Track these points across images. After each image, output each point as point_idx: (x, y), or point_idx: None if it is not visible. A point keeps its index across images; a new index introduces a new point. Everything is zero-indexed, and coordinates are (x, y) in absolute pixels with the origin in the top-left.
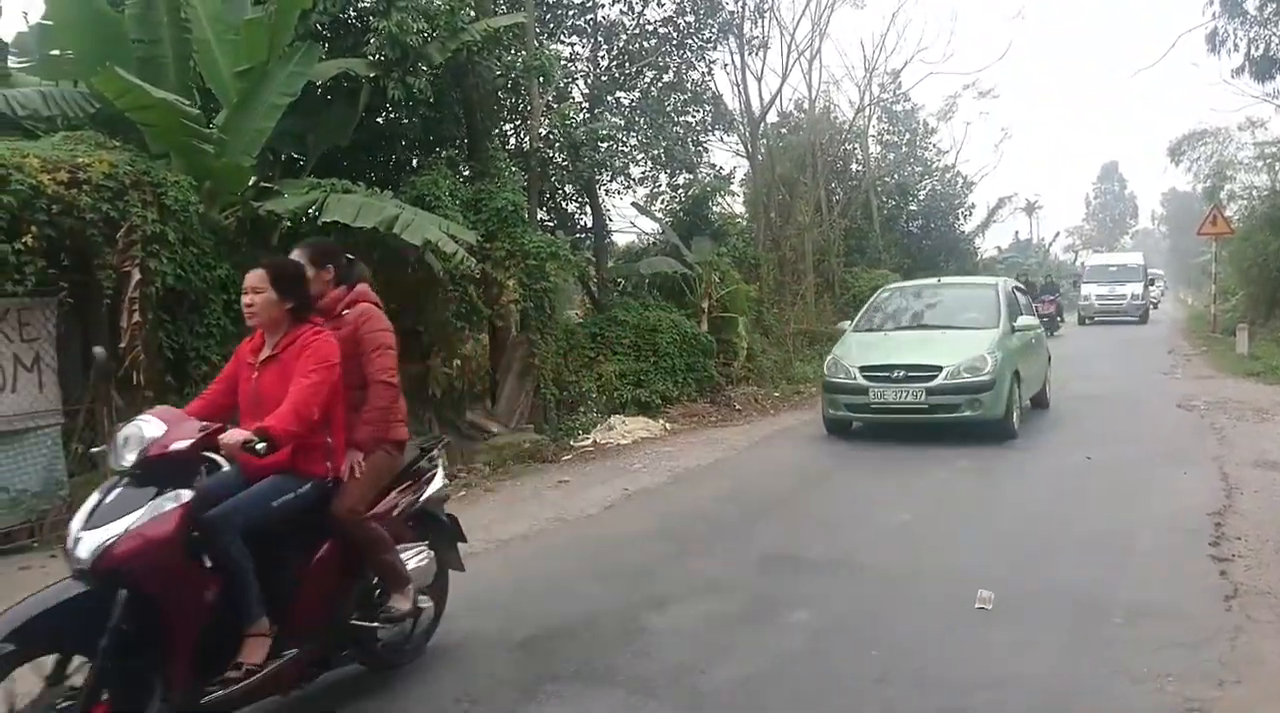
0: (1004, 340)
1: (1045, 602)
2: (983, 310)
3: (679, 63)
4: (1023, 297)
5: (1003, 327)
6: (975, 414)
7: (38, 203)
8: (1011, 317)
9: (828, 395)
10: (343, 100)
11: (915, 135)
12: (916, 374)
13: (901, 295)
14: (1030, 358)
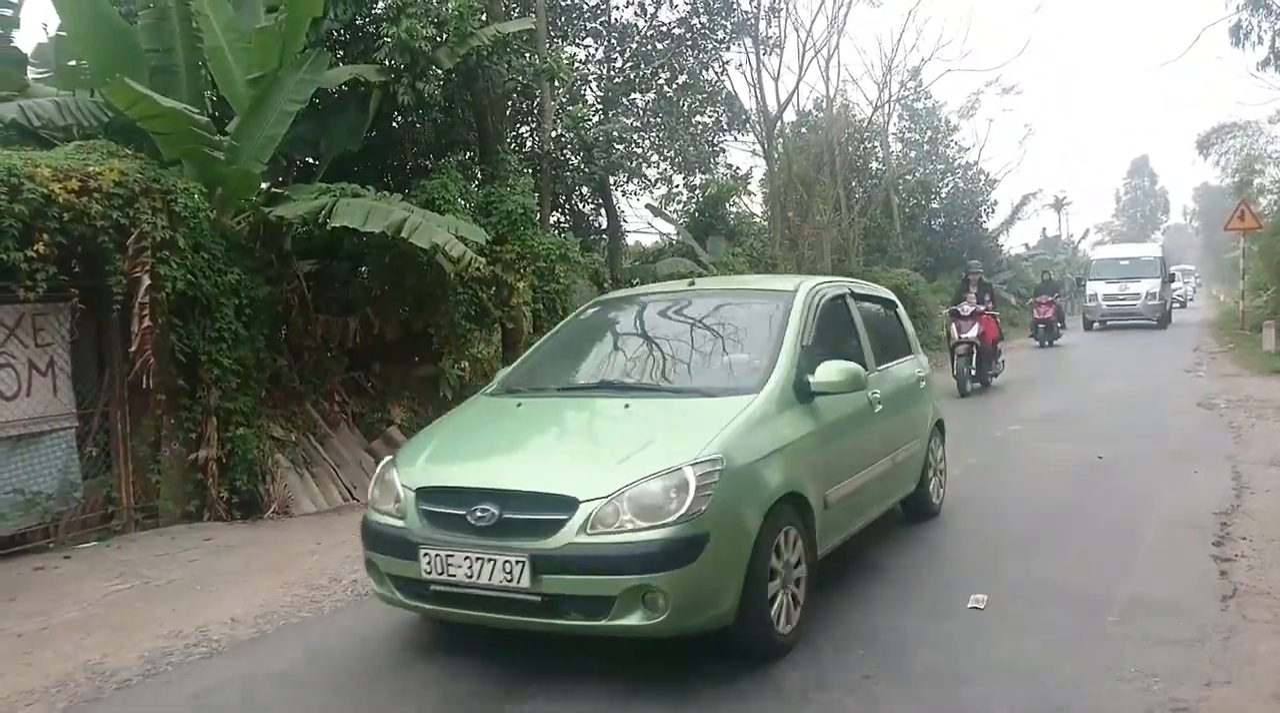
0: (773, 422)
1: (1041, 598)
2: (755, 349)
3: (693, 63)
4: (895, 322)
5: (779, 389)
6: (649, 623)
7: (49, 211)
8: (808, 362)
9: (366, 554)
10: (354, 106)
11: (936, 133)
12: (520, 516)
13: (621, 314)
14: (876, 439)
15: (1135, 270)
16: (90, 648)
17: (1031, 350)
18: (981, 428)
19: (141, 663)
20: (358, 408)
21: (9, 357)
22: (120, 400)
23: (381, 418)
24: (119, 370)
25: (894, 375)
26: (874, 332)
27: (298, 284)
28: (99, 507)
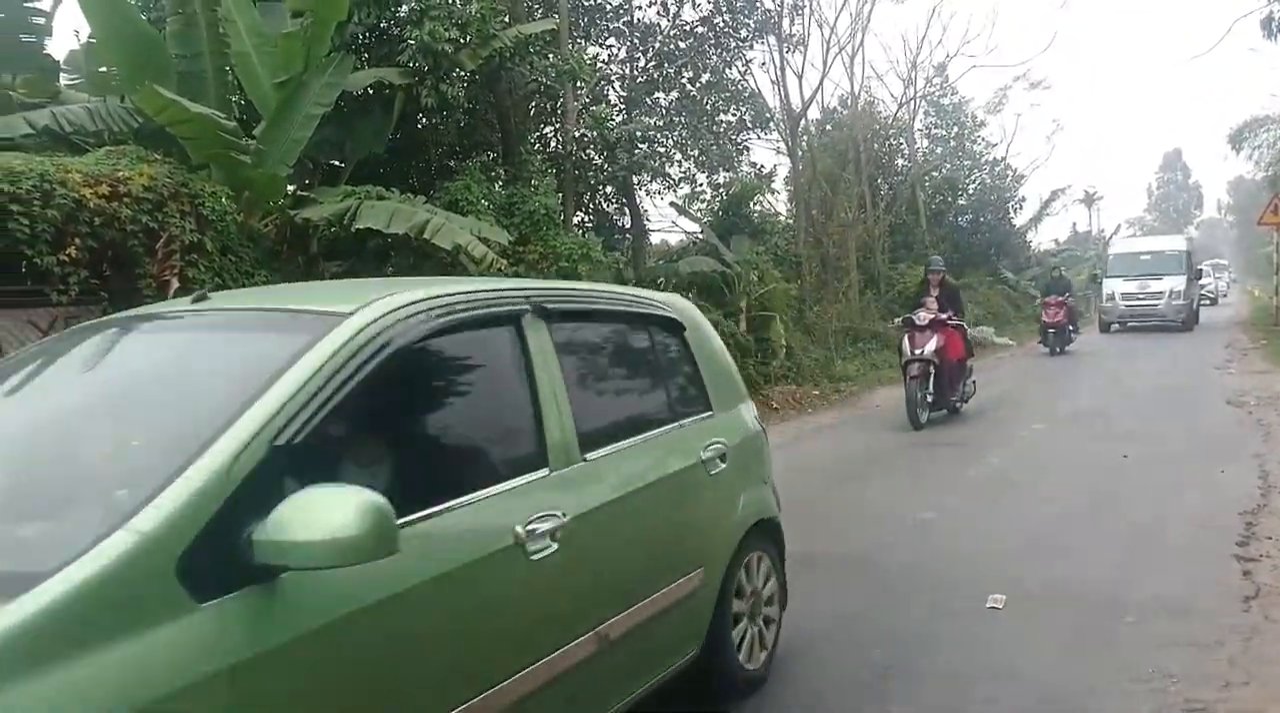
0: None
1: (1060, 598)
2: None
3: (717, 62)
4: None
5: (130, 569)
6: None
7: (81, 216)
8: (274, 490)
9: None
10: (378, 108)
11: (963, 128)
12: None
13: None
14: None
15: (1157, 266)
16: None
17: (1038, 358)
18: (923, 486)
19: None
20: None
21: None
22: None
23: None
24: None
25: (641, 463)
26: (594, 384)
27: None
28: None
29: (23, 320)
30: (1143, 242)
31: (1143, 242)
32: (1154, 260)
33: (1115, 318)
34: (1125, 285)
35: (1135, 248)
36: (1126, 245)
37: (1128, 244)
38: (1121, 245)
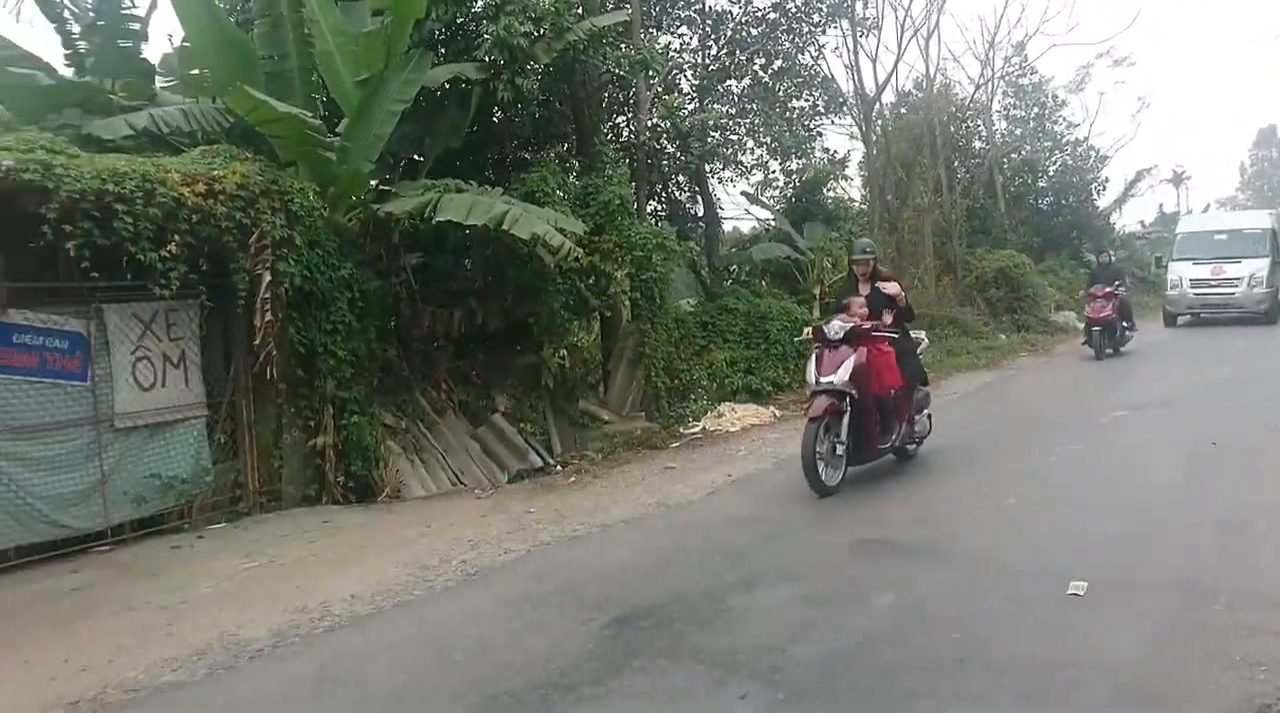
0: None
1: (1148, 585)
2: None
3: (789, 48)
4: None
5: None
6: None
7: (180, 213)
8: None
9: None
10: (456, 103)
11: (1043, 109)
12: None
13: None
14: None
15: (1235, 247)
16: (224, 621)
17: (1079, 363)
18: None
19: (271, 635)
20: (463, 396)
21: (146, 351)
22: (245, 390)
23: (486, 406)
24: (244, 362)
25: None
26: None
27: (405, 277)
28: (227, 490)
29: (127, 314)
30: (1217, 218)
31: (1217, 218)
32: (1230, 241)
33: (1183, 309)
34: (1195, 270)
35: (1208, 225)
36: (1197, 223)
37: (1198, 221)
38: (1191, 222)
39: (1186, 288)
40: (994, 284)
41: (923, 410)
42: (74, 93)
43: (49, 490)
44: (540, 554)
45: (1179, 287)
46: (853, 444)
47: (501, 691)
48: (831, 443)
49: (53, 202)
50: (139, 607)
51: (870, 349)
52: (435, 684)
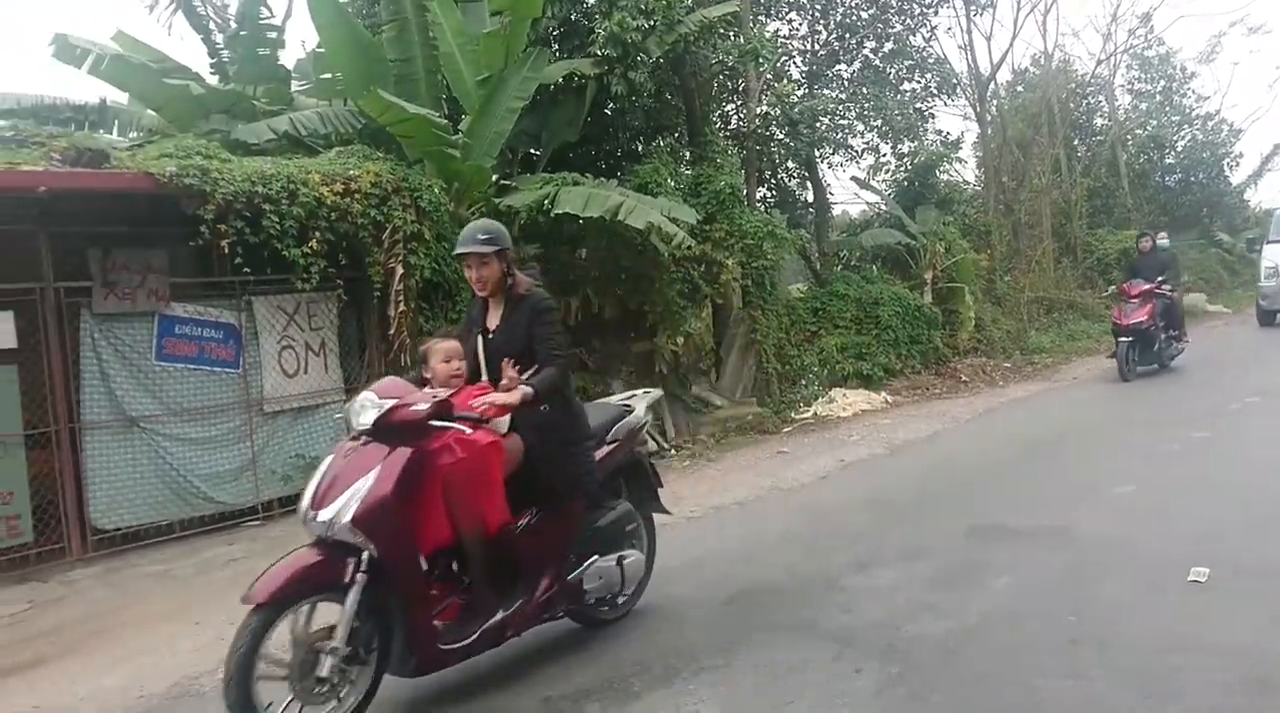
0: None
1: (1270, 575)
2: None
3: (900, 30)
4: None
5: None
6: None
7: (320, 212)
8: None
9: None
10: (571, 98)
11: (1170, 82)
12: None
13: None
14: None
15: None
16: None
17: (1102, 388)
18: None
19: None
20: (581, 382)
21: (290, 340)
22: (378, 375)
23: (603, 391)
24: (378, 350)
25: None
26: None
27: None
28: None
29: (273, 306)
30: None
31: None
32: None
33: (1278, 305)
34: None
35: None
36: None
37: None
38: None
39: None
40: (1117, 266)
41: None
42: (221, 100)
43: (206, 469)
44: (661, 534)
45: (1275, 276)
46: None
47: (628, 658)
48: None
49: (209, 203)
50: None
51: (446, 448)
52: (563, 657)
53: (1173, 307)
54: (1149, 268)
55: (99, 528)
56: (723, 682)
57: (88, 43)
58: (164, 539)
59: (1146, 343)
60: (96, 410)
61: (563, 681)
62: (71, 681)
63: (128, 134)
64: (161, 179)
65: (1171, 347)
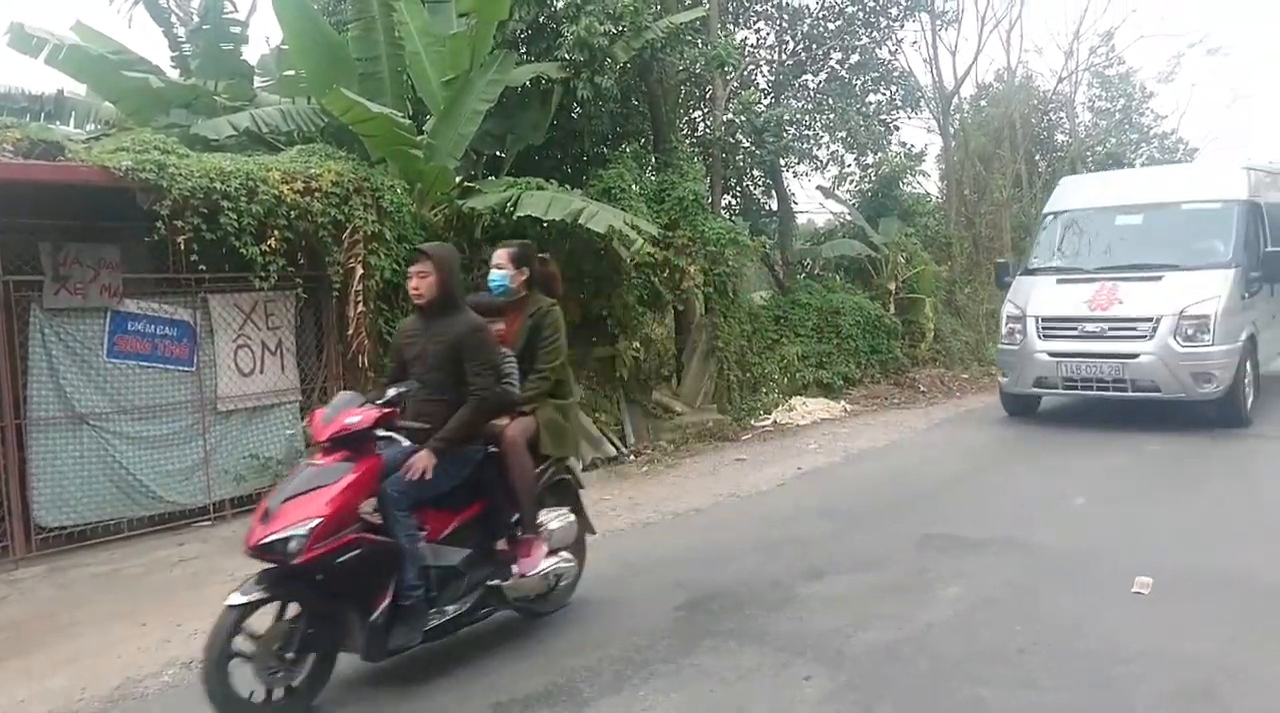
0: None
1: (1219, 586)
2: None
3: (867, 42)
4: None
5: None
6: None
7: (279, 210)
8: None
9: None
10: (537, 102)
11: (1130, 100)
12: None
13: None
14: None
15: (1154, 245)
16: None
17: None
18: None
19: None
20: None
21: (246, 338)
22: (336, 377)
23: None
24: (335, 350)
25: None
26: None
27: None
28: None
29: (230, 304)
30: (1127, 181)
31: (1127, 181)
32: (1145, 225)
33: (1027, 386)
34: (1060, 298)
35: (1103, 198)
36: (1083, 189)
37: (1087, 188)
38: (1073, 189)
39: (1035, 340)
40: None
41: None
42: (181, 94)
43: (157, 468)
44: (615, 539)
45: (1020, 336)
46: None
47: (578, 665)
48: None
49: (166, 199)
50: (241, 578)
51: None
52: (513, 659)
53: None
54: None
55: (43, 526)
56: (673, 688)
57: (45, 32)
58: (112, 539)
59: None
60: (44, 407)
61: (513, 686)
62: (13, 682)
63: (85, 126)
64: (117, 173)
65: None
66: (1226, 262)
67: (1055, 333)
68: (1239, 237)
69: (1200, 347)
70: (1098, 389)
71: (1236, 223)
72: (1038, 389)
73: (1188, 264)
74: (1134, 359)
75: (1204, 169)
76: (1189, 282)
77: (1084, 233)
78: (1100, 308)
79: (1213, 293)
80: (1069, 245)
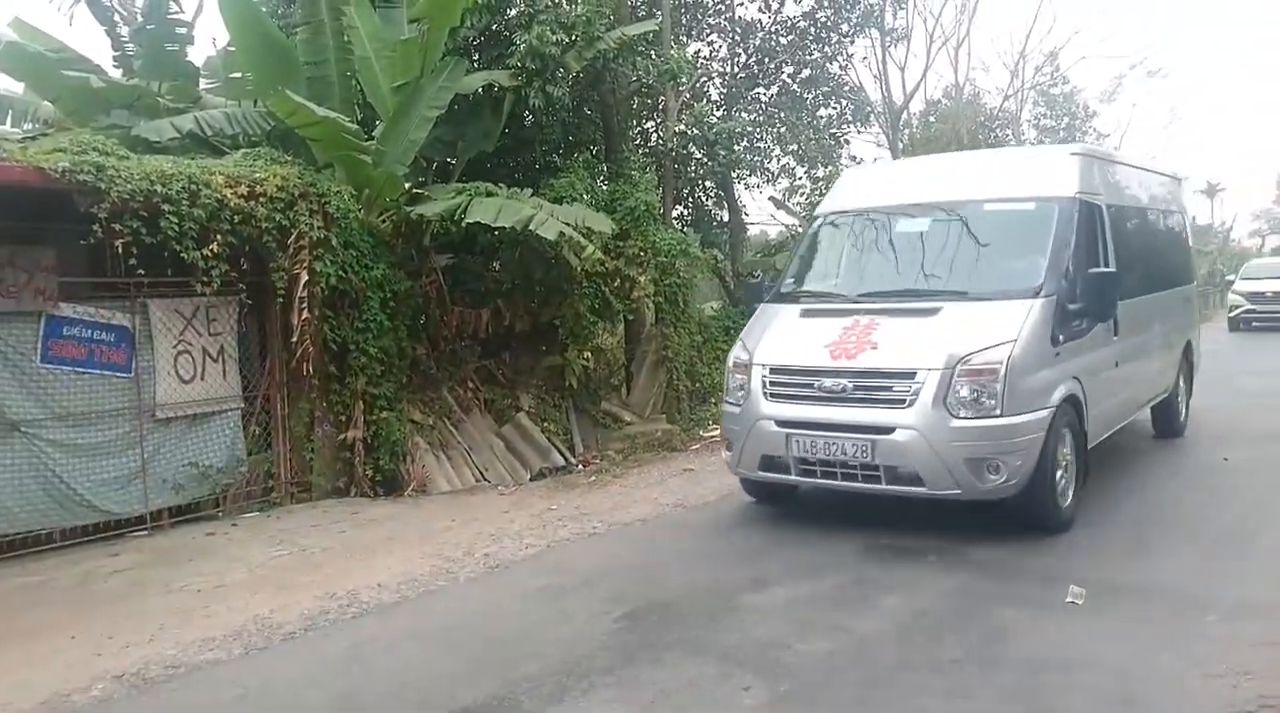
0: None
1: (1146, 596)
2: None
3: (818, 57)
4: None
5: None
6: None
7: (222, 214)
8: None
9: None
10: (488, 109)
11: (1074, 119)
12: None
13: None
14: None
15: (932, 259)
16: (258, 605)
17: None
18: None
19: (302, 619)
20: (489, 395)
21: (187, 344)
22: (280, 385)
23: (511, 404)
24: (279, 358)
25: None
26: None
27: (435, 278)
28: (260, 481)
29: (170, 309)
30: (916, 172)
31: (916, 172)
32: (932, 242)
33: (758, 470)
34: (798, 342)
35: (883, 195)
36: (862, 185)
37: (866, 182)
38: (852, 185)
39: (760, 401)
40: None
41: None
42: (123, 95)
43: (92, 476)
44: (560, 550)
45: (744, 394)
46: None
47: (519, 676)
48: None
49: (104, 202)
50: (177, 590)
51: None
52: (456, 670)
53: None
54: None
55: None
56: (616, 699)
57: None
58: (43, 549)
59: None
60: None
61: (452, 697)
62: None
63: (22, 125)
64: (53, 174)
65: None
66: (1032, 288)
67: (786, 391)
68: (1057, 251)
69: (982, 418)
70: (843, 478)
71: (1056, 231)
72: (767, 473)
73: (979, 291)
74: (887, 435)
75: (1026, 156)
76: (975, 317)
77: (857, 243)
78: (845, 355)
79: (1004, 335)
80: (830, 261)
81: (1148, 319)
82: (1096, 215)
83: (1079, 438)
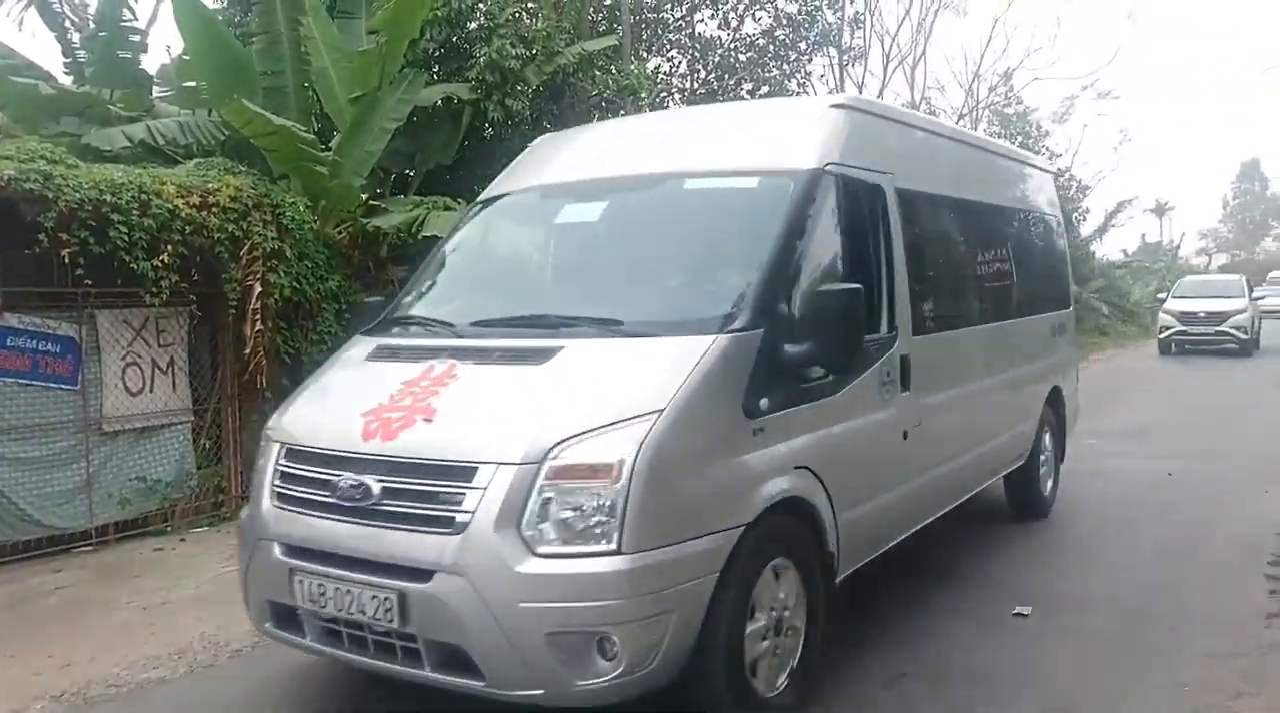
0: None
1: (1089, 610)
2: None
3: (777, 74)
4: None
5: None
6: None
7: (173, 225)
8: None
9: None
10: (447, 122)
11: (1027, 138)
12: None
13: None
14: None
15: (597, 267)
16: (206, 621)
17: None
18: None
19: (250, 636)
20: None
21: (136, 356)
22: (231, 397)
23: None
24: (231, 370)
25: None
26: None
27: (392, 290)
28: (210, 495)
29: (119, 320)
30: (624, 137)
31: (624, 137)
32: (604, 239)
33: (266, 623)
34: (339, 406)
35: (562, 171)
36: (550, 158)
37: (557, 153)
38: (541, 158)
39: (266, 505)
40: None
41: None
42: (73, 102)
43: (34, 490)
44: None
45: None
46: None
47: None
48: None
49: (51, 211)
50: (122, 606)
51: None
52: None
53: None
54: None
55: None
56: None
57: None
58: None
59: None
60: None
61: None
62: None
63: None
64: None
65: None
66: (715, 318)
67: (299, 492)
68: (779, 258)
69: (585, 557)
70: (375, 651)
71: (786, 225)
72: (282, 633)
73: (636, 321)
74: (422, 582)
75: (773, 109)
76: (607, 366)
77: (506, 242)
78: (384, 432)
79: (643, 402)
80: (462, 270)
81: (984, 360)
82: (874, 202)
83: (812, 571)
